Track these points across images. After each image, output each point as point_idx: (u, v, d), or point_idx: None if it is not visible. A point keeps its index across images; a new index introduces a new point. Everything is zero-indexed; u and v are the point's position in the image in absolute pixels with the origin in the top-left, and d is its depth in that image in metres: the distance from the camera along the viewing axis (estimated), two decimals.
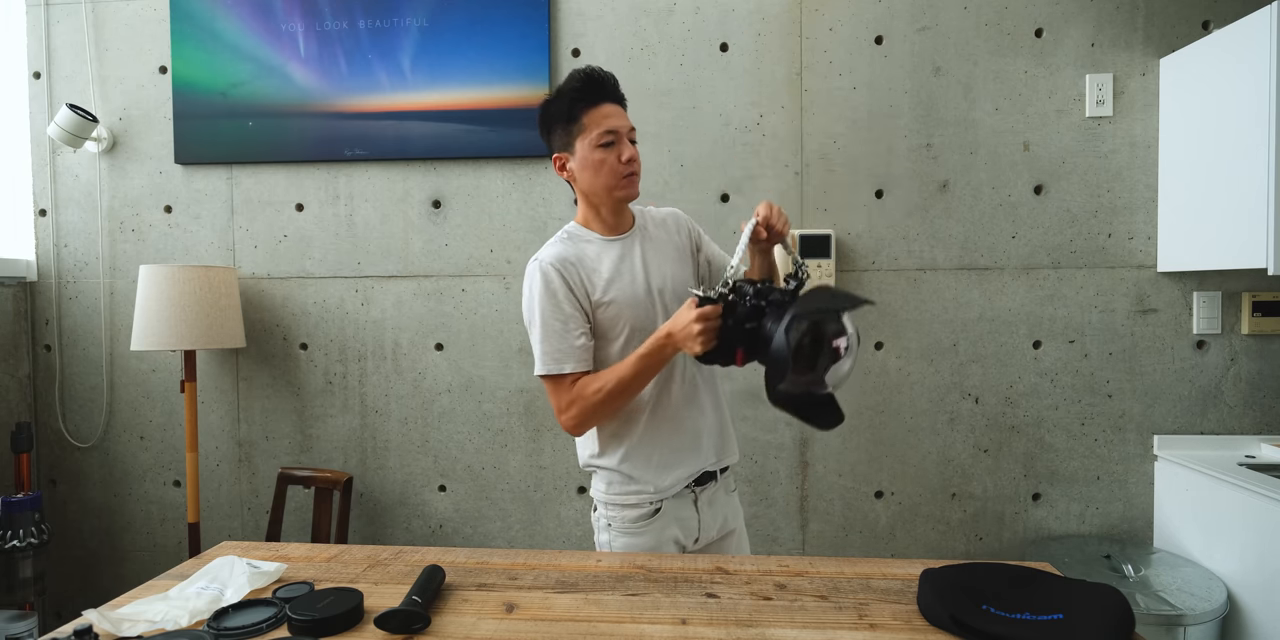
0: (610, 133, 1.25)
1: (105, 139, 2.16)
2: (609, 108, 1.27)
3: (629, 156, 1.27)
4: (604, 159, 1.26)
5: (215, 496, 2.19)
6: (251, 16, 2.09)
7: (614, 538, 1.32)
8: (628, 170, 1.28)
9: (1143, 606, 1.59)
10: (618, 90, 1.29)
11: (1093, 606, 0.93)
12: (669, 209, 1.47)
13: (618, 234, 1.34)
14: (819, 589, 1.06)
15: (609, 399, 1.23)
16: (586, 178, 1.29)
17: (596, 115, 1.26)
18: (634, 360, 1.21)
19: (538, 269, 1.27)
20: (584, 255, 1.30)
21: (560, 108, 1.28)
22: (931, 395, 2.02)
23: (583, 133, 1.26)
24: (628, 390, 1.23)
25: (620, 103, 1.29)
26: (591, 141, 1.26)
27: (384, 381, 2.14)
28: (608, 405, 1.23)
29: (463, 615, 0.98)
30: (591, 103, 1.26)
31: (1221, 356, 1.96)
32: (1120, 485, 1.99)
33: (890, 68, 2.00)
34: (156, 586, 1.08)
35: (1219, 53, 1.75)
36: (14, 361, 2.16)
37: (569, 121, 1.27)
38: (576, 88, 1.26)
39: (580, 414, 1.24)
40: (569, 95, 1.27)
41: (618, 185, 1.28)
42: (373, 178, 2.12)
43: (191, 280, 1.91)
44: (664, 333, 1.18)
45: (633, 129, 1.30)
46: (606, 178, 1.27)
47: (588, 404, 1.23)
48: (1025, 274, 1.99)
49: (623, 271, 1.31)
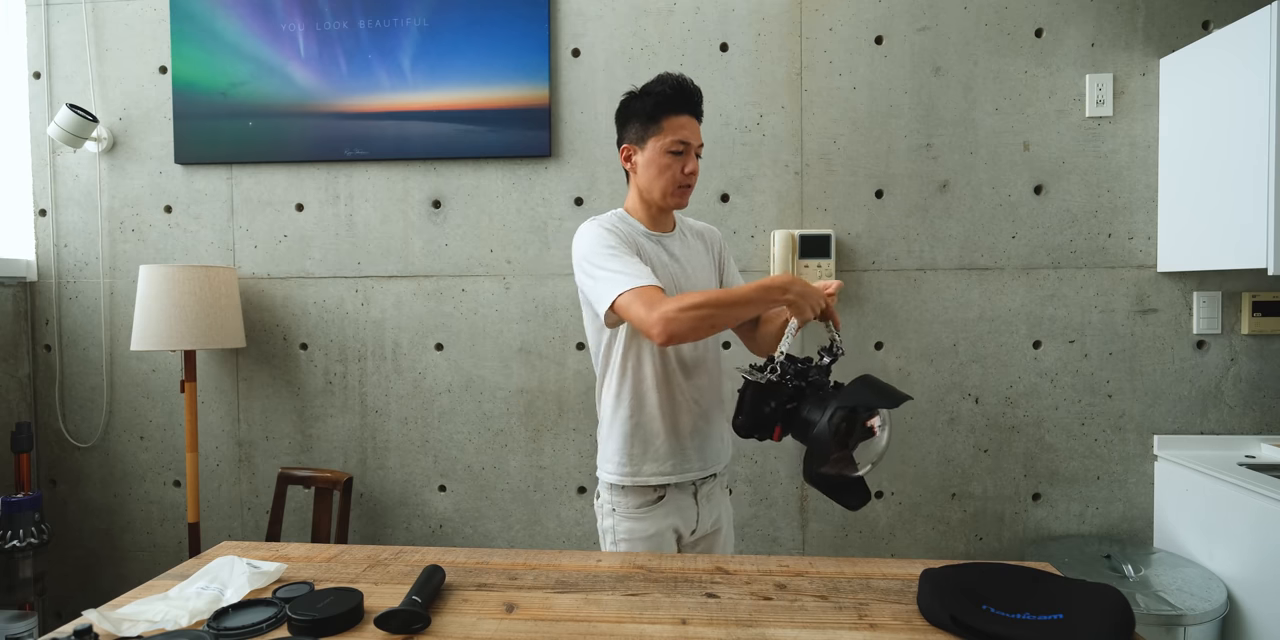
0: (682, 143, 1.33)
1: (105, 139, 2.16)
2: (688, 120, 1.34)
3: (691, 169, 1.34)
4: (669, 165, 1.33)
5: (215, 496, 2.19)
6: (251, 16, 2.09)
7: (618, 523, 1.37)
8: (685, 181, 1.35)
9: (1143, 606, 1.59)
10: (700, 106, 1.37)
11: (1093, 606, 0.93)
12: (705, 224, 1.54)
13: (660, 231, 1.41)
14: (819, 589, 1.06)
15: (710, 311, 1.18)
16: (647, 176, 1.36)
17: (675, 123, 1.33)
18: (752, 286, 1.22)
19: (597, 224, 1.34)
20: (633, 239, 1.36)
21: (645, 106, 1.34)
22: (931, 395, 2.02)
23: (658, 134, 1.33)
24: (732, 309, 1.20)
25: (699, 118, 1.37)
26: (663, 146, 1.33)
27: (384, 381, 2.14)
28: (707, 319, 1.18)
29: (463, 615, 0.98)
30: (675, 110, 1.33)
31: (1221, 356, 1.96)
32: (1120, 485, 1.99)
33: (890, 68, 2.00)
34: (156, 586, 1.08)
35: (1219, 53, 1.75)
36: (14, 361, 2.16)
37: (649, 121, 1.34)
38: (667, 93, 1.33)
39: (679, 317, 1.17)
40: (656, 97, 1.33)
41: (672, 192, 1.35)
42: (373, 178, 2.12)
43: (191, 280, 1.91)
44: (790, 279, 1.21)
45: (702, 145, 1.37)
46: (665, 183, 1.34)
47: (685, 307, 1.17)
48: (1025, 274, 1.99)
49: (658, 266, 1.36)
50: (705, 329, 1.20)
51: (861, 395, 1.15)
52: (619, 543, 1.36)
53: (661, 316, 1.17)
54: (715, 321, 1.20)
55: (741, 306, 1.22)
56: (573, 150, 2.07)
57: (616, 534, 1.36)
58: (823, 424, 1.13)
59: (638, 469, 1.35)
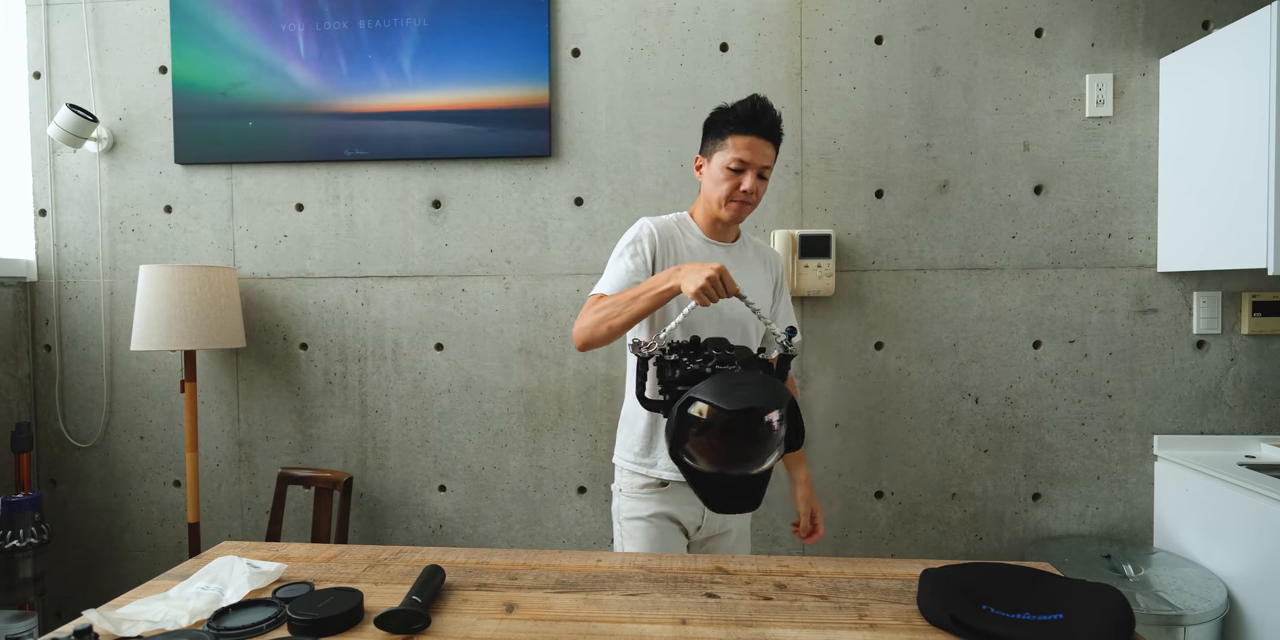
0: (741, 162, 1.39)
1: (105, 139, 2.16)
2: (754, 141, 1.38)
3: (747, 188, 1.39)
4: (724, 180, 1.40)
5: (215, 496, 2.19)
6: (251, 16, 2.09)
7: (623, 502, 1.48)
8: (740, 199, 1.41)
9: (1143, 606, 1.59)
10: (774, 129, 1.41)
11: (1093, 606, 0.93)
12: (771, 248, 1.65)
13: (719, 240, 1.49)
14: (819, 589, 1.06)
15: (607, 311, 1.31)
16: (707, 186, 1.45)
17: (740, 142, 1.38)
18: (642, 285, 1.30)
19: (645, 223, 1.45)
20: (679, 240, 1.46)
21: (717, 121, 1.43)
22: (931, 395, 2.02)
23: (721, 150, 1.41)
24: (625, 309, 1.29)
25: (771, 140, 1.41)
26: (723, 161, 1.40)
27: (384, 381, 2.14)
28: (605, 321, 1.31)
29: (463, 615, 0.98)
30: (741, 130, 1.38)
31: (1221, 356, 1.96)
32: (1120, 485, 1.99)
33: (890, 68, 2.00)
34: (156, 586, 1.08)
35: (1219, 53, 1.75)
36: (14, 361, 2.16)
37: (717, 136, 1.42)
38: (737, 113, 1.39)
39: (581, 320, 1.34)
40: (726, 117, 1.40)
41: (724, 207, 1.42)
42: (373, 178, 2.12)
43: (191, 280, 1.91)
44: (676, 267, 1.25)
45: (767, 168, 1.42)
46: (719, 195, 1.42)
47: (589, 313, 1.33)
48: (1025, 274, 1.99)
49: None
50: (604, 330, 1.31)
51: (713, 389, 1.09)
52: (624, 522, 1.47)
53: (576, 324, 1.35)
54: (612, 321, 1.30)
55: (632, 300, 1.29)
56: (573, 150, 2.07)
57: (621, 513, 1.48)
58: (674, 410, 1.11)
59: (654, 462, 1.44)
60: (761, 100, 1.40)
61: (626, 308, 1.29)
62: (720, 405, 1.06)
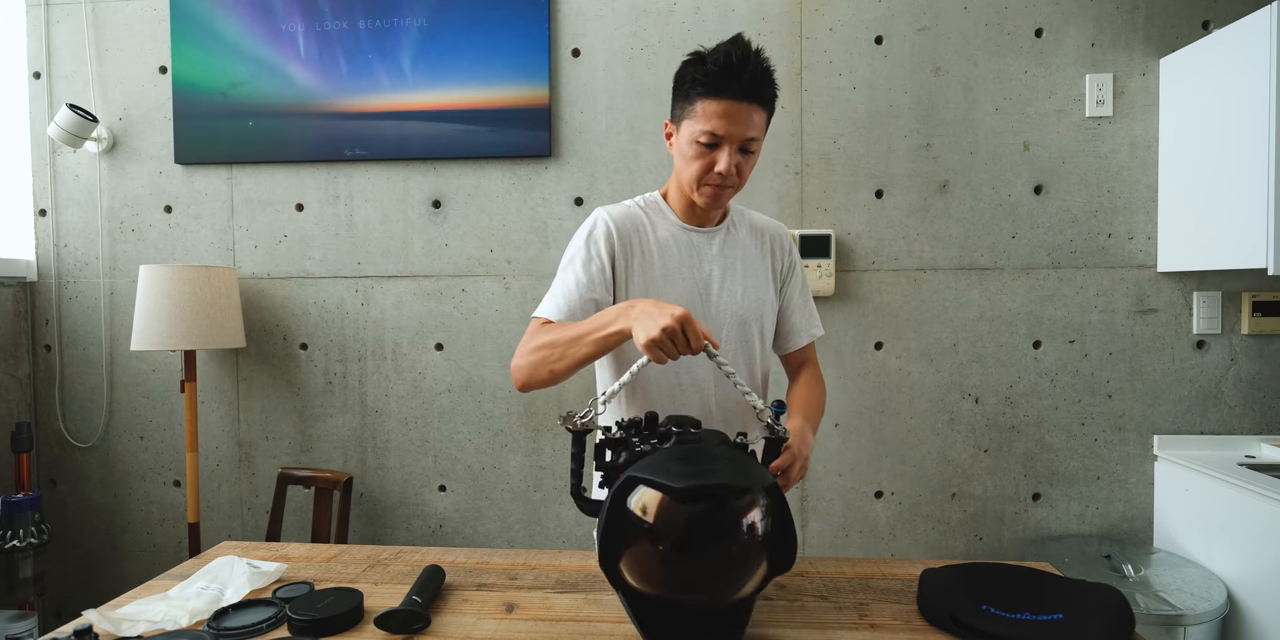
0: (712, 135, 1.08)
1: (105, 139, 2.16)
2: (730, 106, 1.06)
3: (722, 169, 1.09)
4: (696, 158, 1.10)
5: (215, 496, 2.19)
6: (251, 16, 2.09)
7: None
8: (715, 181, 1.11)
9: (1143, 606, 1.59)
10: (757, 87, 1.07)
11: (1093, 606, 0.93)
12: (776, 223, 1.30)
13: (695, 225, 1.21)
14: (819, 589, 1.06)
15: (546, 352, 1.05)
16: (677, 163, 1.16)
17: (711, 108, 1.06)
18: (586, 323, 1.03)
19: (599, 216, 1.18)
20: (646, 230, 1.18)
21: (683, 78, 1.11)
22: (931, 395, 2.02)
23: (689, 118, 1.10)
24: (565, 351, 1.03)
25: (755, 101, 1.07)
26: (692, 134, 1.09)
27: (384, 381, 2.14)
28: (544, 364, 1.05)
29: (463, 615, 0.97)
30: (712, 92, 1.06)
31: (1221, 356, 1.96)
32: (1120, 485, 1.99)
33: (890, 68, 2.00)
34: (156, 586, 1.08)
35: (1219, 53, 1.75)
36: (14, 361, 2.16)
37: (685, 99, 1.11)
38: (707, 70, 1.06)
39: (519, 356, 1.09)
40: (693, 74, 1.08)
41: (698, 191, 1.14)
42: (373, 178, 2.12)
43: (191, 280, 1.91)
44: (635, 302, 0.98)
45: (752, 139, 1.09)
46: (689, 176, 1.13)
47: (528, 351, 1.08)
48: (1025, 274, 1.99)
49: (682, 267, 1.19)
50: (545, 373, 1.06)
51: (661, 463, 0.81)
52: None
53: (514, 360, 1.09)
54: (554, 365, 1.04)
55: (573, 342, 1.02)
56: (573, 150, 2.07)
57: None
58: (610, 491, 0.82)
59: None
60: (742, 47, 1.05)
61: (568, 350, 1.02)
62: (670, 484, 0.77)
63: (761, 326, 1.25)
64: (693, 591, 0.81)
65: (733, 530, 0.79)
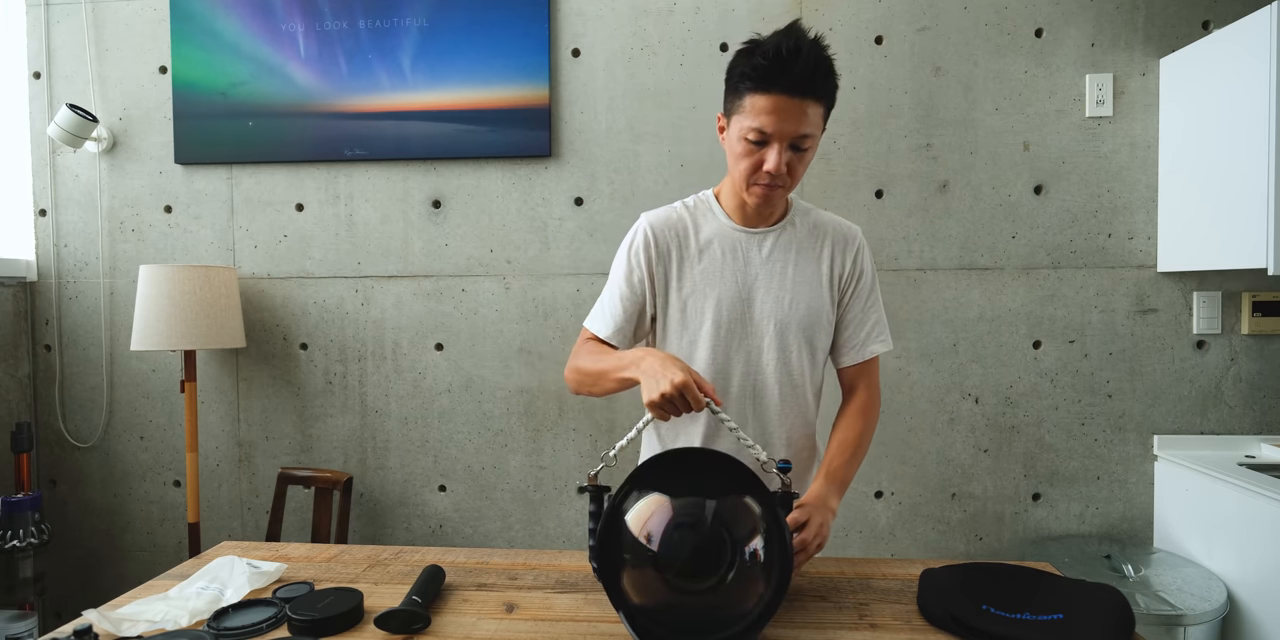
0: (760, 132, 1.03)
1: (105, 139, 2.16)
2: (780, 101, 1.00)
3: (770, 168, 1.04)
4: (744, 156, 1.06)
5: (215, 496, 2.19)
6: (251, 16, 2.09)
7: None
8: (765, 181, 1.06)
9: (1143, 606, 1.59)
10: (810, 80, 1.01)
11: (1093, 606, 0.93)
12: (844, 223, 1.21)
13: (748, 225, 1.16)
14: (819, 589, 1.06)
15: (581, 377, 1.13)
16: (729, 159, 1.11)
17: (760, 104, 1.01)
18: (612, 360, 1.07)
19: (642, 225, 1.17)
20: (690, 234, 1.15)
21: (733, 70, 1.06)
22: (931, 395, 2.02)
23: (738, 113, 1.05)
24: (597, 381, 1.10)
25: (808, 96, 1.02)
26: (741, 130, 1.05)
27: (384, 381, 2.14)
28: (584, 386, 1.14)
29: (463, 615, 0.98)
30: (762, 86, 1.01)
31: (1221, 356, 1.96)
32: (1120, 485, 1.99)
33: (890, 68, 2.00)
34: (156, 586, 1.08)
35: (1219, 53, 1.75)
36: (14, 361, 2.16)
37: (734, 93, 1.06)
38: (755, 63, 1.01)
39: (570, 365, 1.16)
40: (741, 67, 1.03)
41: (747, 191, 1.09)
42: (373, 178, 2.12)
43: (191, 280, 1.91)
44: (647, 352, 1.01)
45: (806, 136, 1.04)
46: (739, 173, 1.08)
47: (571, 369, 1.16)
48: (1025, 274, 1.99)
49: (725, 272, 1.14)
50: (585, 392, 1.15)
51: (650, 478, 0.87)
52: None
53: (568, 364, 1.17)
54: (591, 390, 1.13)
55: (602, 378, 1.07)
56: (573, 150, 2.07)
57: None
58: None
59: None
60: (795, 38, 0.99)
61: (597, 382, 1.09)
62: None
63: (810, 336, 1.17)
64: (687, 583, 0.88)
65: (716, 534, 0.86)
